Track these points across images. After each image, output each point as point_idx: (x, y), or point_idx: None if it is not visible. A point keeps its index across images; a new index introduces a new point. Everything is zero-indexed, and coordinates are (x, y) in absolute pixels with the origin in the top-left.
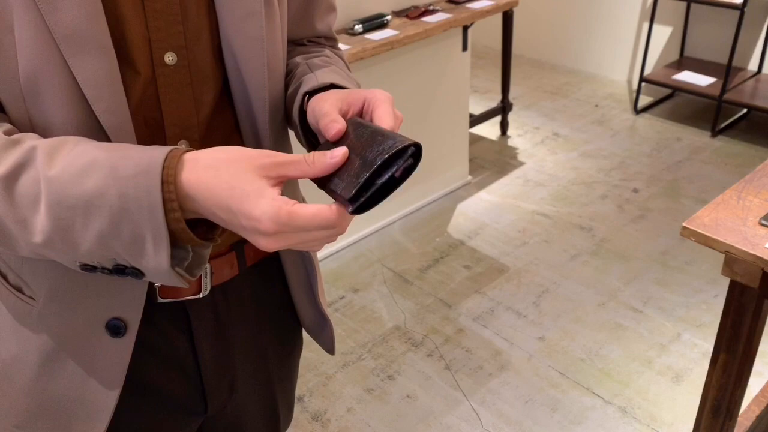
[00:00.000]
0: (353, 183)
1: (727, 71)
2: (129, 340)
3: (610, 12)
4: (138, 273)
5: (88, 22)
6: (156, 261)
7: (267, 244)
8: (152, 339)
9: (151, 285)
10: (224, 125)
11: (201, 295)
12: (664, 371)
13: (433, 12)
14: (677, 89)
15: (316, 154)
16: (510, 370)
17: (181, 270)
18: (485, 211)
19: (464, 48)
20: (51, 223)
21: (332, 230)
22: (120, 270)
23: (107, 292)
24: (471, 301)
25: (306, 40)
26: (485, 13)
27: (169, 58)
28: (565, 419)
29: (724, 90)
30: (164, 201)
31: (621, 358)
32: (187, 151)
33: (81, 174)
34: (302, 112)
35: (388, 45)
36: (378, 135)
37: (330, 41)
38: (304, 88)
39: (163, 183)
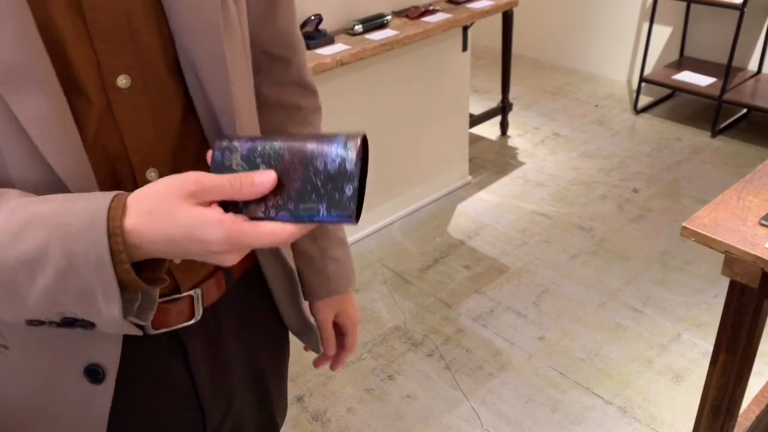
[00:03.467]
0: (342, 199)
1: (727, 71)
2: (109, 386)
3: (610, 12)
4: (88, 324)
5: (23, 55)
6: (108, 313)
7: (228, 259)
8: (148, 369)
9: None
10: (193, 142)
11: (194, 321)
12: (664, 371)
13: (433, 12)
14: (677, 89)
15: (243, 180)
16: (510, 370)
17: (133, 318)
18: (485, 211)
19: (464, 48)
20: None
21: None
22: (69, 323)
23: (82, 337)
24: (471, 301)
25: (272, 55)
26: (485, 13)
27: (122, 81)
28: (565, 419)
29: (724, 90)
30: (112, 253)
31: (621, 358)
32: (128, 195)
33: (19, 232)
34: None
35: (388, 45)
36: (313, 155)
37: (298, 54)
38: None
39: (109, 236)
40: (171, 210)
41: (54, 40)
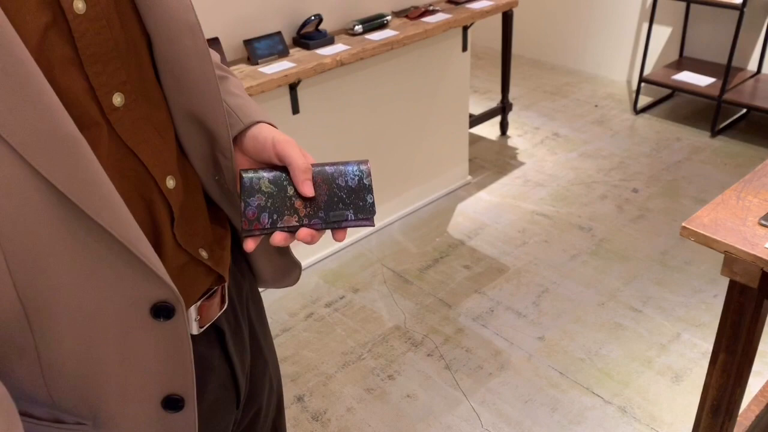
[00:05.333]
0: (365, 205)
1: (726, 71)
2: (191, 411)
3: (610, 12)
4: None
5: (46, 120)
6: None
7: None
8: (197, 366)
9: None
10: (176, 142)
11: (225, 306)
12: (664, 371)
13: (433, 12)
14: (677, 89)
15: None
16: (510, 370)
17: None
18: (485, 211)
19: (464, 48)
20: None
21: None
22: None
23: (156, 370)
24: (471, 301)
25: None
26: (485, 13)
27: (118, 99)
28: (565, 419)
29: (723, 90)
30: None
31: (621, 358)
32: None
33: None
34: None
35: (388, 45)
36: (335, 169)
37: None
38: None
39: None
40: None
41: (49, 79)
